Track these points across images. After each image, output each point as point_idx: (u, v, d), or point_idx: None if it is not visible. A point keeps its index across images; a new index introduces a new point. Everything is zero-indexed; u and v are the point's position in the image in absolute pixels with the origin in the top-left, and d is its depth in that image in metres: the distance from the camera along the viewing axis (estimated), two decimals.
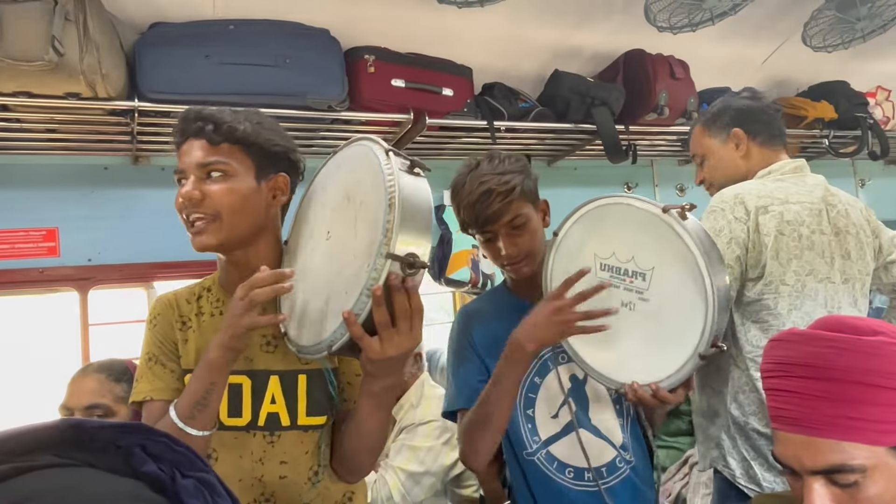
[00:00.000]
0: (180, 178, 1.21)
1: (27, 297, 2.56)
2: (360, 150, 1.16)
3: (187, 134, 1.21)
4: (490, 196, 1.39)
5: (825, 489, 0.85)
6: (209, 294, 1.31)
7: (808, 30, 2.63)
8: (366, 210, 1.05)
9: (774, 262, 1.62)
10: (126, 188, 2.49)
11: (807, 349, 0.89)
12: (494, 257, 1.47)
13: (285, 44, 2.18)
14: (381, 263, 0.97)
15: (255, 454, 1.23)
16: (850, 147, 3.45)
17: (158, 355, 1.25)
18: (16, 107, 1.95)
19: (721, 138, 1.85)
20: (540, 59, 2.75)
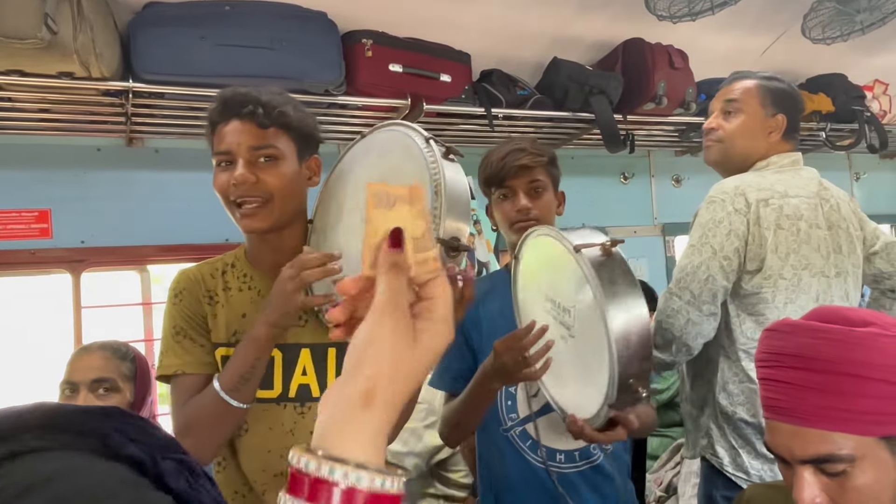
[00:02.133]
0: (224, 160, 1.21)
1: (19, 278, 2.54)
2: (394, 135, 1.20)
3: (231, 114, 1.20)
4: (522, 153, 1.49)
5: (814, 478, 0.86)
6: (234, 269, 1.31)
7: (807, 21, 2.62)
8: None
9: (774, 256, 1.62)
10: (120, 170, 2.47)
11: (798, 340, 0.89)
12: (506, 215, 1.52)
13: (282, 26, 2.16)
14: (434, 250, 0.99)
15: (285, 425, 1.26)
16: (846, 140, 3.45)
17: (187, 329, 1.25)
18: (8, 86, 1.92)
19: (767, 112, 1.77)
20: (539, 46, 2.74)
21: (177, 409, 1.22)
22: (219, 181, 1.22)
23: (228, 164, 1.21)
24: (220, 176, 1.22)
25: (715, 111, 1.85)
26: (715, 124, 1.82)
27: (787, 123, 1.77)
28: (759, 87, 1.79)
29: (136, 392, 1.54)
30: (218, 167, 1.23)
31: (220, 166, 1.22)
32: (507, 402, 1.53)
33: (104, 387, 1.49)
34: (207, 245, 2.46)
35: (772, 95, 1.78)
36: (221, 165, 1.22)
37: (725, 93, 1.84)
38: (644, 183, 3.52)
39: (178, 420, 1.21)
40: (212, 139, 1.25)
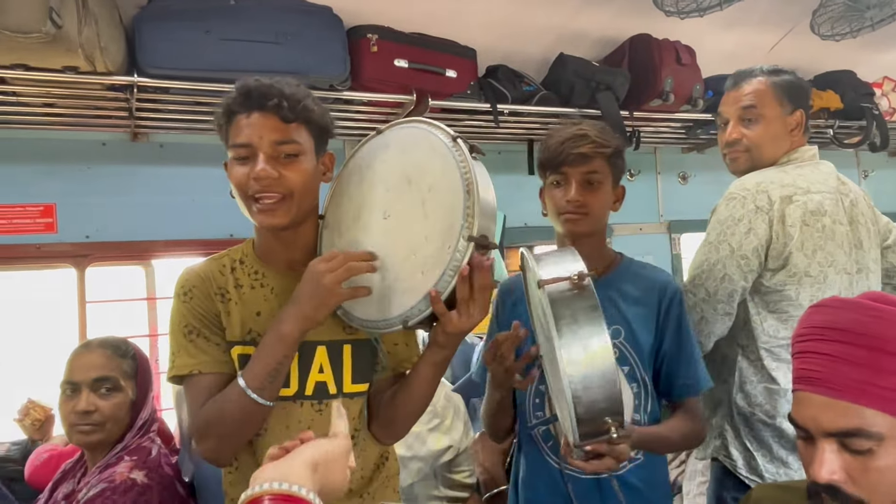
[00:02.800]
0: (243, 153, 1.18)
1: (24, 272, 2.55)
2: (416, 132, 1.21)
3: (253, 106, 1.17)
4: (583, 139, 1.41)
5: (836, 455, 0.85)
6: (243, 266, 1.28)
7: (816, 17, 2.60)
8: (437, 194, 1.13)
9: (800, 254, 1.59)
10: (124, 165, 2.47)
11: (847, 315, 0.89)
12: (556, 203, 1.45)
13: (287, 20, 2.15)
14: (464, 246, 1.07)
15: (302, 423, 1.24)
16: (854, 138, 3.43)
17: (200, 328, 1.22)
18: (13, 80, 1.92)
19: (787, 110, 1.72)
20: (545, 42, 2.72)
21: (194, 410, 1.19)
22: (237, 174, 1.18)
23: (248, 158, 1.17)
24: (239, 169, 1.18)
25: (731, 120, 1.77)
26: (738, 134, 1.75)
27: (805, 117, 1.74)
28: (773, 85, 1.73)
29: (137, 390, 1.53)
30: (236, 159, 1.19)
31: (238, 159, 1.19)
32: (535, 399, 1.50)
33: (106, 386, 1.48)
34: (212, 240, 2.46)
35: (787, 92, 1.73)
36: (240, 158, 1.18)
37: (737, 98, 1.76)
38: (650, 180, 3.50)
39: (197, 421, 1.18)
40: (227, 129, 1.21)
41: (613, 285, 1.46)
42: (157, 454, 1.47)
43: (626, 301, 1.45)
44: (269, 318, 1.22)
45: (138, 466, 1.40)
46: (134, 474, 1.38)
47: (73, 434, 1.47)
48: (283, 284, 1.25)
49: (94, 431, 1.45)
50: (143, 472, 1.40)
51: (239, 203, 1.22)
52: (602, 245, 1.52)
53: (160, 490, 1.38)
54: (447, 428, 2.10)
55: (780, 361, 1.62)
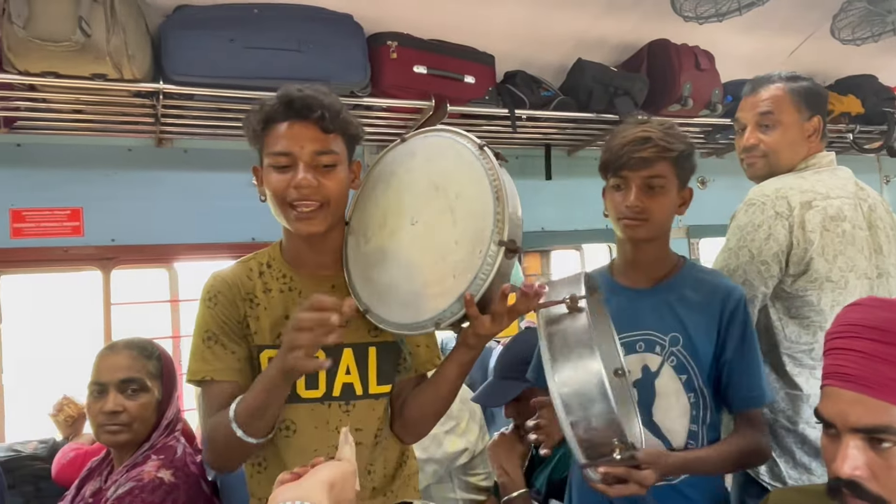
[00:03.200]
0: (282, 163, 1.19)
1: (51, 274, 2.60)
2: (442, 141, 1.24)
3: (295, 116, 1.19)
4: (646, 143, 1.34)
5: (861, 451, 0.86)
6: (271, 270, 1.30)
7: (836, 22, 2.59)
8: (466, 201, 1.16)
9: (821, 259, 1.59)
10: (149, 170, 2.52)
11: (883, 314, 0.90)
12: (616, 207, 1.40)
13: (309, 28, 2.19)
14: (495, 250, 1.10)
15: (331, 424, 1.27)
16: (875, 143, 3.40)
17: (219, 335, 1.23)
18: (43, 87, 1.97)
19: (804, 116, 1.71)
20: (563, 47, 2.73)
21: (204, 416, 1.22)
22: (275, 181, 1.19)
23: (287, 166, 1.19)
24: (278, 176, 1.19)
25: (748, 125, 1.77)
26: (755, 140, 1.74)
27: (822, 123, 1.73)
28: (791, 91, 1.72)
29: (163, 390, 1.56)
30: (274, 167, 1.20)
31: (277, 167, 1.20)
32: None
33: (132, 387, 1.50)
34: (234, 244, 2.50)
35: (804, 98, 1.72)
36: (279, 167, 1.19)
37: (754, 104, 1.75)
38: None
39: (203, 430, 1.22)
40: (263, 136, 1.22)
41: (674, 290, 1.43)
42: (183, 453, 1.50)
43: (686, 307, 1.41)
44: None
45: (165, 465, 1.43)
46: (161, 473, 1.40)
47: (100, 434, 1.50)
48: (312, 288, 1.27)
49: (122, 431, 1.48)
50: (170, 470, 1.42)
51: (273, 209, 1.24)
52: (663, 249, 1.47)
53: (186, 489, 1.41)
54: (462, 430, 2.11)
55: (802, 367, 1.61)
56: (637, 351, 1.43)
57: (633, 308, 1.44)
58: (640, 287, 1.46)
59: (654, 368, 1.41)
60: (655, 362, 1.41)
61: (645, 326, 1.42)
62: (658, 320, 1.41)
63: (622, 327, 1.44)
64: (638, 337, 1.43)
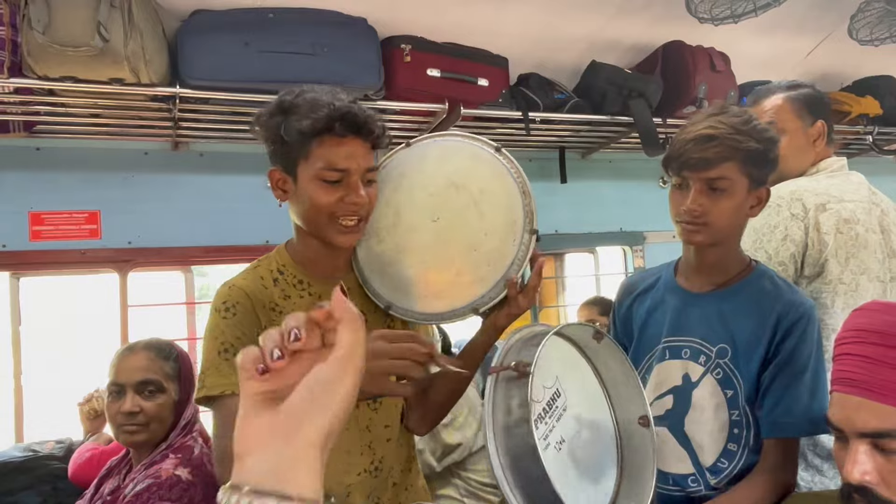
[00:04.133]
0: (335, 178, 1.19)
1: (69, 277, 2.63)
2: (456, 144, 1.33)
3: (353, 131, 1.18)
4: (710, 141, 1.23)
5: (868, 456, 0.86)
6: (284, 276, 1.28)
7: (854, 22, 2.56)
8: (491, 196, 1.27)
9: (834, 261, 1.59)
10: (166, 173, 2.54)
11: (885, 318, 0.90)
12: (675, 207, 1.32)
13: (323, 32, 2.20)
14: (528, 238, 1.22)
15: (360, 423, 1.28)
16: (894, 144, 3.36)
17: (238, 347, 1.16)
18: (62, 91, 2.00)
19: (806, 123, 1.75)
20: (576, 49, 2.73)
21: (222, 434, 1.15)
22: (325, 196, 1.19)
23: (339, 181, 1.19)
24: (327, 191, 1.19)
25: None
26: None
27: (827, 127, 1.75)
28: (790, 100, 1.76)
29: (180, 390, 1.58)
30: (323, 180, 1.19)
31: (327, 181, 1.19)
32: None
33: (149, 388, 1.52)
34: (249, 246, 2.52)
35: (806, 105, 1.76)
36: (330, 181, 1.19)
37: (758, 115, 1.78)
38: None
39: (222, 450, 1.13)
40: (307, 146, 1.18)
41: (731, 299, 1.34)
42: (200, 452, 1.51)
43: (742, 317, 1.31)
44: None
45: (183, 464, 1.44)
46: (179, 471, 1.42)
47: (119, 434, 1.52)
48: (329, 291, 1.26)
49: (140, 431, 1.50)
50: (188, 469, 1.44)
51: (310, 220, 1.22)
52: (729, 254, 1.37)
53: (203, 487, 1.42)
54: (460, 425, 2.10)
55: None
56: (682, 357, 1.37)
57: (685, 312, 1.39)
58: (697, 291, 1.39)
59: (694, 378, 1.35)
60: (697, 372, 1.35)
61: (693, 333, 1.36)
62: (707, 329, 1.35)
63: (671, 331, 1.39)
64: (684, 343, 1.38)
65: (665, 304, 1.42)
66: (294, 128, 1.17)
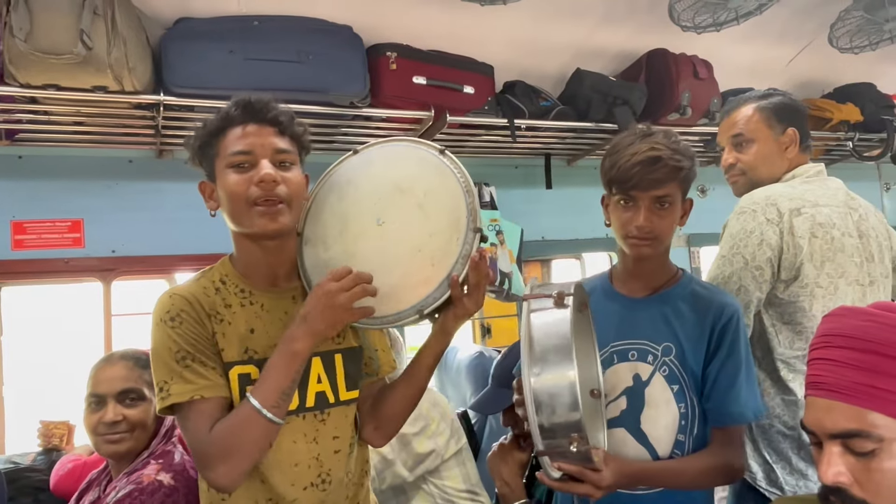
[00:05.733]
0: (243, 161, 1.20)
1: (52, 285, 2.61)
2: (401, 149, 1.34)
3: (252, 118, 1.21)
4: (657, 163, 1.32)
5: (841, 457, 0.87)
6: (225, 287, 1.27)
7: (834, 31, 2.60)
8: (435, 197, 1.26)
9: (810, 265, 1.61)
10: (150, 181, 2.53)
11: (851, 322, 0.92)
12: (623, 225, 1.39)
13: (308, 40, 2.20)
14: (472, 237, 1.21)
15: (307, 435, 1.26)
16: (875, 150, 3.41)
17: (195, 353, 1.19)
18: (44, 99, 1.98)
19: (777, 131, 1.76)
20: (562, 57, 2.75)
21: (202, 436, 1.15)
22: (234, 181, 1.19)
23: (247, 166, 1.20)
24: (238, 176, 1.19)
25: (725, 146, 1.86)
26: (732, 159, 1.83)
27: (800, 134, 1.77)
28: (760, 109, 1.79)
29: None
30: (233, 167, 1.20)
31: (237, 167, 1.20)
32: None
33: (131, 396, 1.52)
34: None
35: (775, 113, 1.78)
36: (240, 166, 1.20)
37: (729, 127, 1.84)
38: None
39: (210, 447, 1.14)
40: (216, 144, 1.23)
41: (668, 302, 1.43)
42: (182, 458, 1.50)
43: (680, 319, 1.41)
44: (264, 336, 1.24)
45: (165, 469, 1.43)
46: (161, 476, 1.41)
47: (101, 445, 1.50)
48: (271, 301, 1.28)
49: (124, 440, 1.48)
50: (170, 474, 1.43)
51: (231, 214, 1.23)
52: (664, 261, 1.48)
53: (185, 492, 1.41)
54: (432, 432, 2.09)
55: (797, 373, 1.62)
56: (630, 359, 1.44)
57: (629, 317, 1.45)
58: (637, 296, 1.47)
59: (644, 377, 1.42)
60: (647, 371, 1.41)
61: (639, 336, 1.43)
62: (652, 330, 1.42)
63: (617, 335, 1.44)
64: (631, 346, 1.44)
65: (607, 310, 1.47)
66: (206, 133, 1.24)
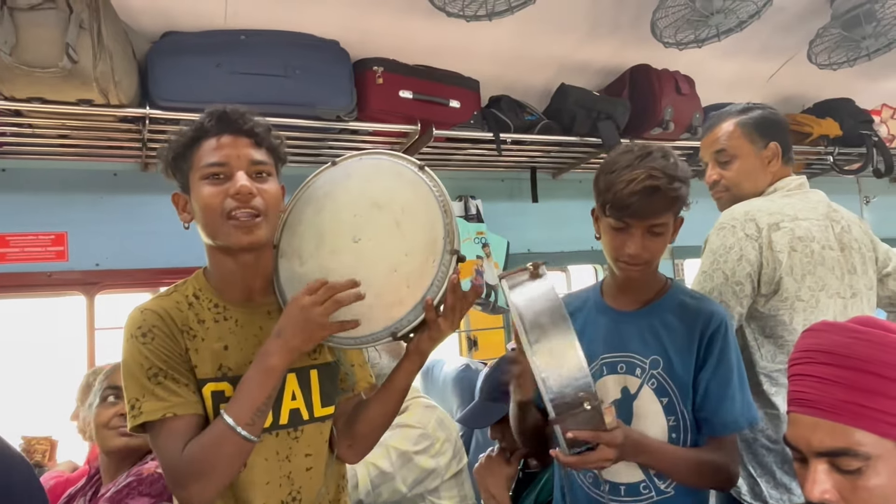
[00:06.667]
0: (219, 172, 1.17)
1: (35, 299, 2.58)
2: (380, 163, 1.30)
3: (227, 129, 1.19)
4: (655, 193, 1.31)
5: (827, 475, 0.87)
6: (199, 301, 1.24)
7: (813, 47, 2.65)
8: (413, 215, 1.22)
9: (790, 279, 1.62)
10: (135, 194, 2.52)
11: (833, 337, 0.91)
12: (615, 248, 1.39)
13: (295, 54, 2.21)
14: (448, 259, 1.18)
15: (280, 453, 1.23)
16: (854, 164, 3.46)
17: (167, 370, 1.15)
18: (29, 112, 1.98)
19: (758, 146, 1.77)
20: (546, 72, 2.78)
21: (174, 455, 1.12)
22: (209, 193, 1.17)
23: (222, 177, 1.17)
24: (210, 189, 1.17)
25: (708, 162, 1.87)
26: (716, 175, 1.84)
27: (782, 147, 1.79)
28: (741, 125, 1.80)
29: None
30: (208, 179, 1.17)
31: (212, 178, 1.17)
32: None
33: None
34: None
35: (756, 128, 1.79)
36: (215, 177, 1.17)
37: (711, 143, 1.85)
38: None
39: (183, 466, 1.11)
40: (191, 156, 1.20)
41: (658, 314, 1.43)
42: None
43: (668, 331, 1.41)
44: (238, 352, 1.21)
45: None
46: (160, 469, 1.42)
47: (113, 438, 1.50)
48: (245, 316, 1.25)
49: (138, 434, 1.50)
50: None
51: (205, 226, 1.20)
52: (653, 275, 1.47)
53: None
54: (436, 452, 2.09)
55: (779, 386, 1.63)
56: (619, 372, 1.44)
57: (618, 330, 1.45)
58: (626, 309, 1.47)
59: (633, 390, 1.42)
60: (635, 384, 1.41)
61: (628, 349, 1.43)
62: (641, 343, 1.42)
63: (606, 348, 1.45)
64: (620, 359, 1.44)
65: (597, 323, 1.48)
66: (179, 145, 1.22)
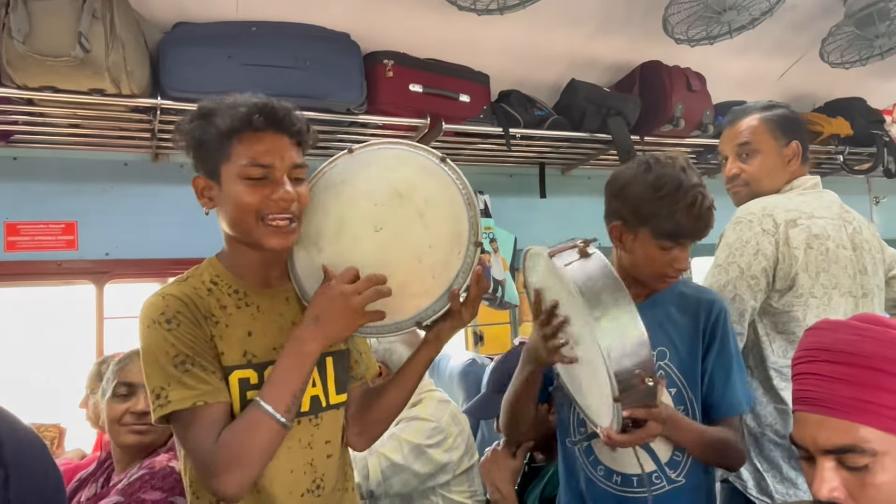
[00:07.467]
0: (258, 174, 1.14)
1: (45, 287, 2.60)
2: (401, 153, 1.30)
3: (271, 125, 1.15)
4: (712, 213, 1.40)
5: (834, 472, 0.87)
6: (217, 288, 1.22)
7: (825, 46, 2.64)
8: (436, 207, 1.24)
9: (805, 275, 1.63)
10: (145, 184, 2.53)
11: (836, 335, 0.92)
12: (663, 265, 1.41)
13: (306, 46, 2.21)
14: (473, 250, 1.22)
15: (302, 440, 1.23)
16: (865, 164, 3.44)
17: (195, 357, 1.12)
18: (41, 101, 1.99)
19: (781, 143, 1.78)
20: (557, 67, 2.77)
21: (207, 444, 1.09)
22: (250, 194, 1.14)
23: (263, 178, 1.14)
24: (252, 189, 1.14)
25: (728, 155, 1.85)
26: (736, 169, 1.82)
27: (802, 147, 1.78)
28: (766, 120, 1.79)
29: None
30: (246, 178, 1.14)
31: (250, 178, 1.14)
32: (578, 414, 1.46)
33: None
34: None
35: (780, 125, 1.78)
36: (254, 178, 1.14)
37: (733, 136, 1.83)
38: None
39: (217, 455, 1.08)
40: (228, 145, 1.14)
41: (660, 306, 1.46)
42: None
43: (672, 322, 1.45)
44: (262, 338, 1.20)
45: (176, 457, 1.46)
46: (173, 463, 1.45)
47: (123, 434, 1.51)
48: (266, 303, 1.25)
49: (150, 431, 1.51)
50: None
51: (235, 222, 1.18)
52: None
53: None
54: (449, 446, 2.10)
55: (789, 382, 1.62)
56: None
57: None
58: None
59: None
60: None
61: None
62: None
63: None
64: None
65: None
66: (213, 129, 1.15)
